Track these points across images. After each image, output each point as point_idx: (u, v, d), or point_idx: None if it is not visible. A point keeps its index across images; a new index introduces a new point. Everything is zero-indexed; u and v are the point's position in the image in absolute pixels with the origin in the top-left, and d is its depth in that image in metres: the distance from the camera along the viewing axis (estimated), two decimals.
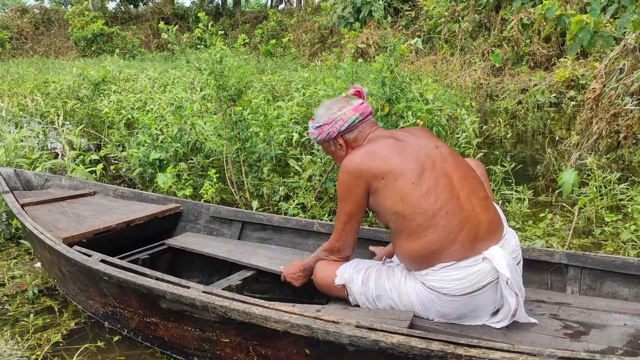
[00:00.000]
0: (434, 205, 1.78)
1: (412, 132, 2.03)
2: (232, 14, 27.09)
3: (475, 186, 1.89)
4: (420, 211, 1.78)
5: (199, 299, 1.84)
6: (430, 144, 1.94)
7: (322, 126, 2.06)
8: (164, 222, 3.06)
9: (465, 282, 1.76)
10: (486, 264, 1.76)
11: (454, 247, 1.77)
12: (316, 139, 2.11)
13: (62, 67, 14.89)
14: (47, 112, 7.68)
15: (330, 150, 2.14)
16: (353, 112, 2.02)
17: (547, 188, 4.29)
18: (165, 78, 9.66)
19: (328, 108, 2.07)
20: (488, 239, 1.81)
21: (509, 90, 9.40)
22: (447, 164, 1.88)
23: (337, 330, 1.59)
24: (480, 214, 1.83)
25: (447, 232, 1.77)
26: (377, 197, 1.87)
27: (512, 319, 1.79)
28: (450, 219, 1.77)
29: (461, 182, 1.86)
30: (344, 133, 2.04)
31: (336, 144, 2.08)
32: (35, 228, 2.53)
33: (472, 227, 1.79)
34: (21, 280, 2.92)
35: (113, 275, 2.07)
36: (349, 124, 2.02)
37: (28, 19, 24.98)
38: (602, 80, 4.40)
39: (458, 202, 1.81)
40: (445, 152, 1.93)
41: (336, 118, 2.02)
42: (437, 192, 1.80)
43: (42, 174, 3.58)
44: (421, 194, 1.79)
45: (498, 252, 1.77)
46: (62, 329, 2.40)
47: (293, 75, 10.10)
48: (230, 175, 4.07)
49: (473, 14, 11.86)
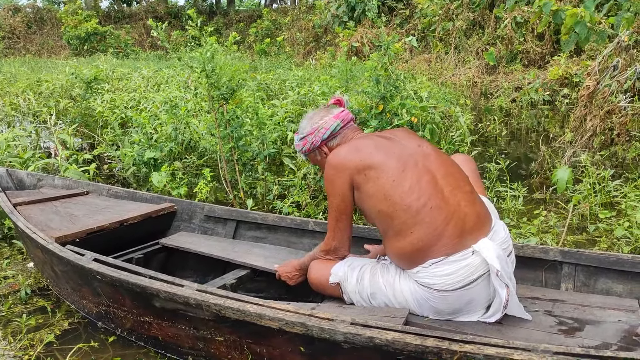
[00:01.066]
0: (417, 202, 1.80)
1: (395, 133, 2.07)
2: (226, 12, 27.03)
3: (459, 181, 1.91)
4: (403, 208, 1.81)
5: (193, 297, 1.83)
6: (412, 143, 1.98)
7: (306, 137, 2.12)
8: (158, 222, 3.04)
9: (456, 277, 1.76)
10: (476, 257, 1.77)
11: (442, 243, 1.78)
12: (302, 151, 2.16)
13: (55, 66, 14.82)
14: (40, 111, 7.63)
15: (316, 160, 2.18)
16: (334, 120, 2.08)
17: (542, 185, 4.30)
18: (159, 77, 9.62)
19: (310, 119, 2.13)
20: (476, 232, 1.82)
21: (503, 89, 9.42)
22: (430, 162, 1.91)
23: (332, 328, 1.58)
24: (466, 208, 1.84)
25: (433, 227, 1.78)
26: (360, 193, 1.90)
27: (504, 311, 1.79)
28: (435, 214, 1.79)
29: (445, 179, 1.88)
30: (327, 141, 2.09)
31: (321, 152, 2.12)
32: (27, 227, 2.51)
33: (459, 221, 1.80)
34: (14, 280, 2.90)
35: (106, 274, 2.05)
36: (331, 132, 2.08)
37: (20, 18, 24.81)
38: (596, 77, 4.41)
39: (442, 198, 1.82)
40: (428, 149, 1.96)
41: (318, 127, 2.08)
42: (419, 189, 1.82)
43: (34, 173, 3.55)
44: (403, 191, 1.82)
45: (487, 245, 1.78)
46: (55, 329, 2.38)
47: (287, 74, 10.08)
48: (224, 174, 4.05)
49: (467, 13, 11.87)
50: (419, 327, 1.76)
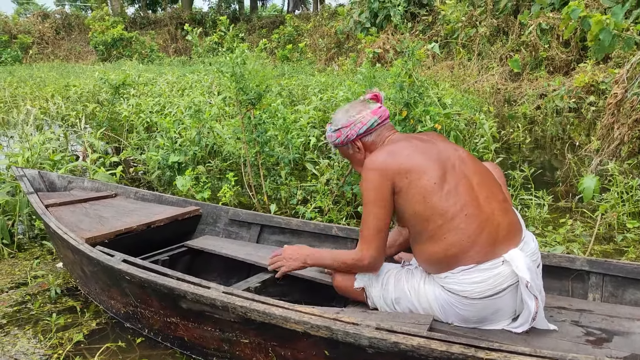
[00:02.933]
0: (454, 207, 1.77)
1: (429, 135, 2.04)
2: (249, 19, 27.31)
3: (494, 189, 1.89)
4: (440, 212, 1.77)
5: (220, 299, 1.86)
6: (449, 146, 1.95)
7: (341, 129, 2.06)
8: (183, 225, 3.09)
9: (485, 285, 1.75)
10: (506, 267, 1.76)
11: (474, 250, 1.76)
12: (334, 142, 2.11)
13: (82, 71, 15.15)
14: (68, 115, 7.81)
15: (348, 153, 2.14)
16: (372, 115, 2.03)
17: (567, 194, 4.25)
18: (184, 82, 9.76)
19: (346, 111, 2.08)
20: (507, 241, 1.80)
21: (528, 96, 9.32)
22: (466, 167, 1.88)
23: (357, 332, 1.59)
24: (499, 217, 1.82)
25: (466, 235, 1.76)
26: (400, 197, 1.85)
27: (532, 323, 1.77)
28: (469, 221, 1.77)
29: (480, 185, 1.86)
30: (363, 136, 2.04)
31: (354, 146, 2.07)
32: (59, 228, 2.57)
33: (492, 230, 1.78)
34: (43, 280, 2.97)
35: (135, 275, 2.09)
36: (367, 127, 2.02)
37: (49, 24, 25.45)
38: (623, 85, 4.35)
39: (477, 205, 1.80)
40: (464, 154, 1.93)
41: (355, 121, 2.03)
42: (457, 194, 1.79)
43: (65, 175, 3.64)
44: (442, 195, 1.78)
45: (518, 255, 1.77)
46: (83, 329, 2.43)
47: (310, 79, 10.13)
48: (248, 179, 4.09)
49: (491, 19, 11.79)
50: (444, 333, 1.76)
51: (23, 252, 3.40)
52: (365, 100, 2.13)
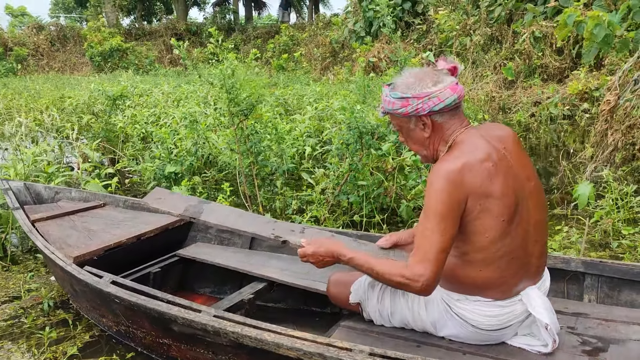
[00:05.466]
0: (504, 249, 1.63)
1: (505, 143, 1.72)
2: (244, 29, 27.40)
3: (543, 231, 1.75)
4: (491, 249, 1.62)
5: (210, 324, 1.83)
6: (523, 173, 1.69)
7: (410, 99, 1.67)
8: (175, 233, 3.07)
9: (496, 320, 1.71)
10: (521, 305, 1.70)
11: (500, 289, 1.69)
12: (395, 110, 1.72)
13: (78, 82, 15.13)
14: (63, 126, 7.79)
15: (407, 127, 1.76)
16: (451, 93, 1.67)
17: (562, 201, 4.25)
18: (179, 93, 9.77)
19: (420, 79, 1.69)
20: (530, 280, 1.73)
21: (522, 103, 9.36)
22: (532, 204, 1.69)
23: (350, 359, 1.57)
24: (536, 260, 1.73)
25: (502, 275, 1.66)
26: (463, 218, 1.61)
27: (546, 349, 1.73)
28: (511, 264, 1.65)
29: (535, 227, 1.70)
30: (434, 113, 1.69)
31: (419, 122, 1.72)
32: (46, 247, 2.52)
33: (525, 273, 1.70)
34: (37, 293, 2.94)
35: (124, 299, 2.07)
36: (445, 105, 1.66)
37: (44, 36, 25.45)
38: (616, 92, 4.37)
39: (525, 250, 1.67)
40: (532, 186, 1.71)
41: (430, 94, 1.65)
42: (514, 237, 1.64)
43: (52, 186, 3.59)
44: (502, 232, 1.61)
45: (535, 295, 1.70)
46: (77, 342, 2.41)
47: (305, 89, 10.15)
48: (243, 189, 4.09)
49: (484, 28, 11.85)
50: (434, 347, 1.75)
51: (17, 265, 3.37)
52: (441, 70, 1.75)
